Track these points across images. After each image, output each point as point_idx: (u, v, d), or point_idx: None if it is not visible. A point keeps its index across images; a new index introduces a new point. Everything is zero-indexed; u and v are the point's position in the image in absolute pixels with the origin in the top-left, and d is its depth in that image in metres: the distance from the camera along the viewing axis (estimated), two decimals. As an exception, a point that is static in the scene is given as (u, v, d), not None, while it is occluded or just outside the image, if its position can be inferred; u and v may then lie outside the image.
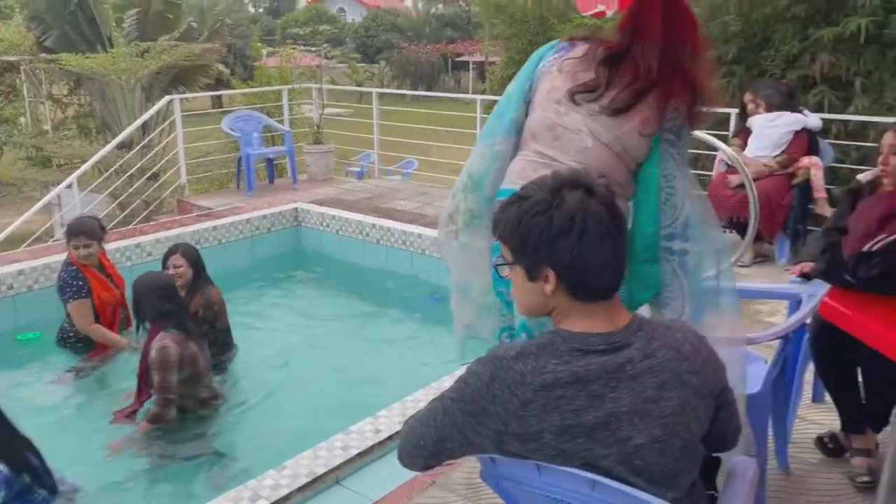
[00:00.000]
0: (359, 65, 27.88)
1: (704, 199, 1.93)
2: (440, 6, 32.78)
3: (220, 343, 3.98)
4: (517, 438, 1.27)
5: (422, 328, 4.94)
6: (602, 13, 2.21)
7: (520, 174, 1.84)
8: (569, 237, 1.25)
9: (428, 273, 5.49)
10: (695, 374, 1.30)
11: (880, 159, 2.47)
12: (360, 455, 2.69)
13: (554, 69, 1.88)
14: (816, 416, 2.92)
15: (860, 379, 2.48)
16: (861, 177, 2.67)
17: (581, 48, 1.88)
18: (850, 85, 5.51)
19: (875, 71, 5.40)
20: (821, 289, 2.24)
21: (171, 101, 7.50)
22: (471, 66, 29.36)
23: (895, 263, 2.03)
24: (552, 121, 1.85)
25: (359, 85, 22.39)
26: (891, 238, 2.04)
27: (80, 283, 4.05)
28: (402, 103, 17.13)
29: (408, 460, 1.45)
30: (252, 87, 10.09)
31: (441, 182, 8.12)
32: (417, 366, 4.26)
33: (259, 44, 12.60)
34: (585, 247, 1.25)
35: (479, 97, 7.44)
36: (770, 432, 2.44)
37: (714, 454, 1.48)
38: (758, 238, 4.90)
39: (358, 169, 9.62)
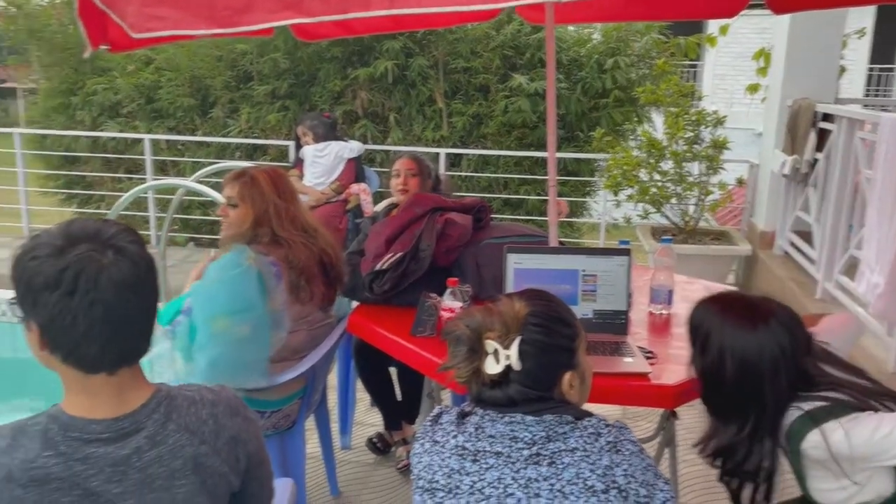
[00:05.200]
0: None
1: None
2: (-29, 23, 27.98)
3: None
4: None
5: (-42, 407, 4.14)
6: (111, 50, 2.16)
7: None
8: (52, 294, 1.09)
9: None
10: (216, 454, 1.24)
11: (398, 182, 2.87)
12: None
13: None
14: (374, 419, 3.25)
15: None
16: (377, 207, 3.07)
17: None
18: (386, 119, 6.29)
19: (404, 107, 6.26)
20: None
21: None
22: (19, 93, 25.67)
23: (401, 277, 2.37)
24: None
25: None
26: (395, 256, 2.38)
27: None
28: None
29: None
30: None
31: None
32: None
33: None
34: (71, 308, 1.10)
35: (16, 131, 6.54)
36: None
37: None
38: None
39: None
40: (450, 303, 2.15)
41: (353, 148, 5.37)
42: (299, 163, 5.44)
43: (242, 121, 6.42)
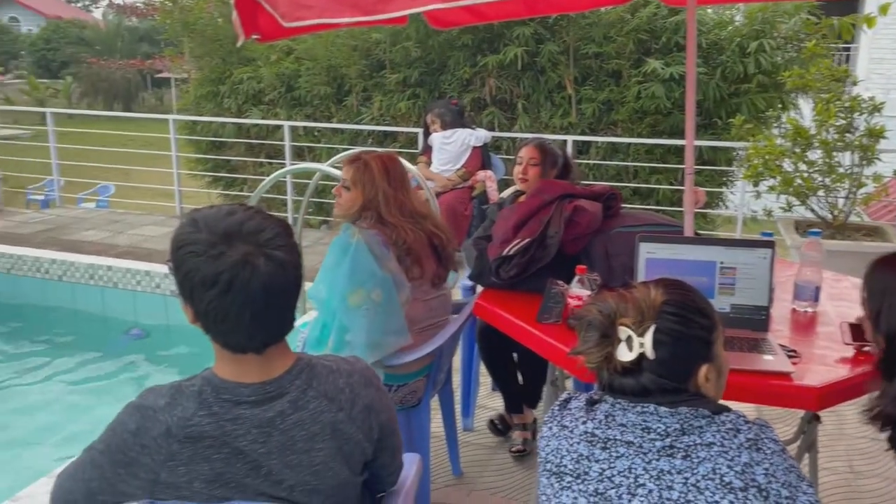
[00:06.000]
0: (40, 81, 24.78)
1: None
2: (133, 19, 30.39)
3: None
4: (169, 487, 1.23)
5: (119, 370, 4.56)
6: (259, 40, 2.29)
7: None
8: (208, 291, 1.17)
9: (122, 309, 5.08)
10: (352, 421, 1.30)
11: (519, 170, 2.86)
12: (29, 522, 2.40)
13: None
14: (496, 402, 3.28)
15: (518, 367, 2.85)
16: (504, 193, 3.07)
17: None
18: (514, 106, 6.26)
19: (532, 94, 6.21)
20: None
21: None
22: (173, 82, 27.72)
23: (528, 263, 2.36)
24: None
25: (40, 103, 19.92)
26: (523, 242, 2.37)
27: None
28: (97, 123, 15.64)
29: None
30: None
31: (140, 208, 7.58)
32: (114, 412, 3.92)
33: None
34: (224, 307, 1.18)
35: (171, 117, 7.07)
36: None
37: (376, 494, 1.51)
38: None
39: (42, 197, 8.58)
40: (577, 290, 2.12)
41: (479, 136, 5.40)
42: (428, 150, 5.54)
43: (375, 108, 6.61)
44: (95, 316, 5.14)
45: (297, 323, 2.43)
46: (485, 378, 3.21)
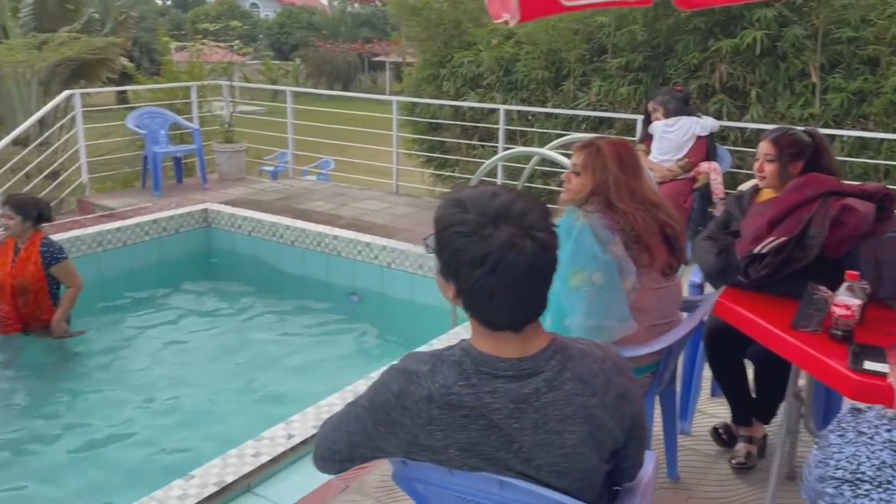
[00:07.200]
0: (273, 62, 27.35)
1: None
2: (356, 5, 32.56)
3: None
4: (425, 450, 1.28)
5: (338, 331, 4.91)
6: (507, 22, 2.29)
7: None
8: (475, 270, 1.19)
9: (343, 275, 5.46)
10: (604, 408, 1.28)
11: (756, 166, 2.66)
12: (272, 461, 2.64)
13: None
14: (714, 409, 3.08)
15: (750, 376, 2.65)
16: (742, 187, 2.84)
17: None
18: (746, 94, 5.82)
19: (769, 81, 5.73)
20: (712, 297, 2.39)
21: (71, 96, 7.18)
22: (388, 66, 29.29)
23: (782, 264, 2.17)
24: None
25: (273, 82, 21.94)
26: (778, 241, 2.18)
27: None
28: (318, 102, 16.94)
29: (322, 464, 1.45)
30: (159, 82, 9.72)
31: (358, 182, 8.07)
32: (333, 369, 4.23)
33: (166, 38, 12.11)
34: (490, 285, 1.19)
35: (394, 98, 7.43)
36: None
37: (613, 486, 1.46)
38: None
39: (272, 168, 9.46)
40: (845, 299, 1.90)
41: (705, 125, 5.09)
42: (647, 138, 5.32)
43: (592, 94, 6.47)
44: (320, 280, 5.58)
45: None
46: (705, 382, 3.02)
